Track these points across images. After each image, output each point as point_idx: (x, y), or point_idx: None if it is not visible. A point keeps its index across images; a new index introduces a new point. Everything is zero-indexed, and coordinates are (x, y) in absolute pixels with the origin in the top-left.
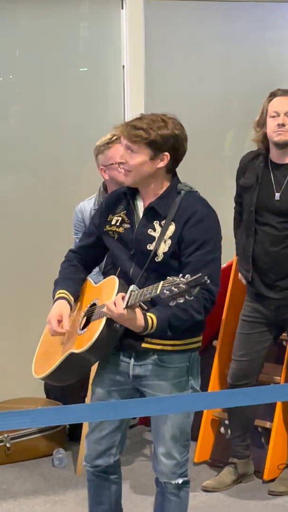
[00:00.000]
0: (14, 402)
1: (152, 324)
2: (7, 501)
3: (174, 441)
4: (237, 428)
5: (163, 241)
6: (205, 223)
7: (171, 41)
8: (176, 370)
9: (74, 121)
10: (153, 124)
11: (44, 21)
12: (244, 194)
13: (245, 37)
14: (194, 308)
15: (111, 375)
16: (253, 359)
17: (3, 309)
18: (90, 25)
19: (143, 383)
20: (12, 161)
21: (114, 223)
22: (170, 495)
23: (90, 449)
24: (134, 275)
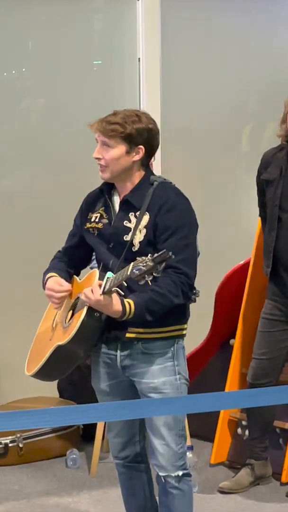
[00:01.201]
0: (26, 401)
1: (130, 309)
2: (20, 502)
3: (168, 429)
4: (256, 429)
5: (138, 231)
6: (177, 210)
7: (188, 33)
8: (161, 356)
9: (88, 115)
10: (128, 118)
11: (57, 13)
12: (267, 188)
13: (263, 29)
14: (172, 292)
15: (104, 370)
16: (274, 358)
17: (16, 308)
18: (104, 17)
19: (132, 372)
20: (25, 154)
21: (94, 219)
22: (172, 489)
23: (113, 443)
24: (113, 266)
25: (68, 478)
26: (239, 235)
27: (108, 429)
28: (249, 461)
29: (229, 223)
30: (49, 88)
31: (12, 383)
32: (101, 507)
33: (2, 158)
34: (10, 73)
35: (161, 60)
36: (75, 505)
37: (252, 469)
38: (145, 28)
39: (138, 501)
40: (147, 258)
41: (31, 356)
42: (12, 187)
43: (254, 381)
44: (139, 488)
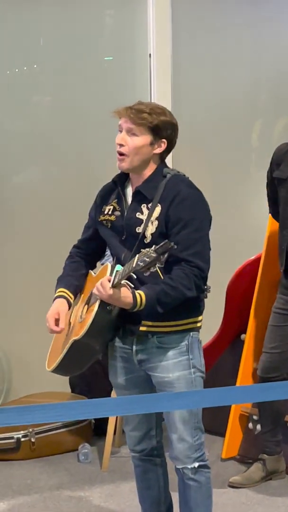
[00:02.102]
0: (38, 396)
1: (141, 301)
2: (32, 496)
3: (183, 423)
4: (267, 423)
5: (150, 222)
6: (189, 202)
7: (198, 28)
8: (176, 350)
9: (99, 111)
10: (155, 110)
11: (68, 9)
12: (280, 186)
13: (273, 24)
14: (184, 285)
15: (121, 364)
16: (284, 352)
17: (28, 305)
18: (115, 12)
19: (147, 366)
20: (37, 150)
21: (107, 212)
22: (189, 480)
23: (130, 437)
24: (126, 259)
25: (80, 472)
26: (249, 230)
27: (125, 423)
28: (261, 456)
29: (239, 218)
30: (60, 84)
31: (24, 378)
32: (113, 501)
33: (13, 154)
34: (21, 69)
35: (172, 56)
36: (87, 499)
37: (263, 464)
38: (155, 24)
39: (153, 494)
40: (151, 250)
41: (51, 352)
42: (23, 182)
43: (264, 374)
44: (154, 481)
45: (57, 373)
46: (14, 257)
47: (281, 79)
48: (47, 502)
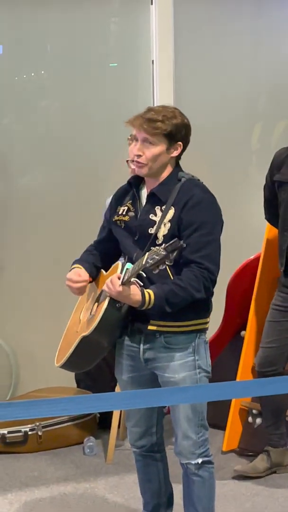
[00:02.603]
0: (45, 391)
1: (149, 299)
2: (39, 488)
3: (187, 421)
4: (269, 416)
5: (163, 224)
6: (202, 206)
7: (200, 35)
8: (182, 351)
9: (104, 115)
10: (167, 115)
11: (74, 17)
12: (281, 189)
13: (273, 32)
14: (193, 286)
15: (127, 362)
16: (280, 346)
17: (36, 303)
18: (120, 20)
19: (153, 365)
20: (43, 154)
21: (121, 212)
22: (192, 475)
23: (131, 433)
24: (138, 258)
25: (85, 464)
26: (249, 230)
27: (127, 419)
28: (266, 448)
29: (239, 219)
30: (67, 89)
31: (31, 373)
32: (117, 492)
33: (20, 157)
34: (29, 75)
35: (174, 62)
36: (92, 491)
37: (268, 455)
38: (158, 31)
39: (153, 487)
40: (160, 248)
41: (60, 348)
42: (29, 185)
43: (260, 369)
44: (154, 475)
45: (65, 369)
46: (22, 257)
47: (280, 83)
48: (53, 494)
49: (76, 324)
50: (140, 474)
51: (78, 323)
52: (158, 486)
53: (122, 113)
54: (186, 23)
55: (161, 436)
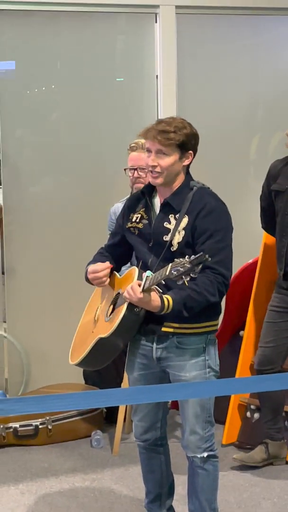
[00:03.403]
0: (55, 387)
1: (168, 305)
2: (49, 478)
3: (195, 417)
4: (268, 412)
5: (178, 232)
6: (215, 214)
7: (201, 52)
8: (194, 351)
9: (111, 127)
10: (178, 126)
11: (83, 35)
12: (277, 198)
13: (270, 49)
14: (208, 291)
15: (139, 360)
16: (278, 346)
17: (46, 304)
18: (126, 38)
19: (166, 364)
20: (53, 163)
21: (135, 220)
22: (197, 468)
23: (137, 427)
24: (152, 264)
25: (92, 457)
26: (247, 236)
27: (133, 413)
28: (265, 440)
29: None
30: (76, 102)
31: (41, 370)
32: (123, 483)
33: (31, 166)
34: (40, 89)
35: (177, 77)
36: (99, 482)
37: (266, 447)
38: (162, 48)
39: (156, 477)
40: (185, 260)
41: (74, 346)
42: (39, 192)
43: (259, 367)
44: (157, 466)
45: (80, 367)
46: (32, 260)
47: (277, 98)
48: (62, 484)
49: (90, 324)
50: (144, 466)
51: (92, 323)
52: (160, 477)
53: (128, 125)
54: (188, 40)
55: (164, 431)
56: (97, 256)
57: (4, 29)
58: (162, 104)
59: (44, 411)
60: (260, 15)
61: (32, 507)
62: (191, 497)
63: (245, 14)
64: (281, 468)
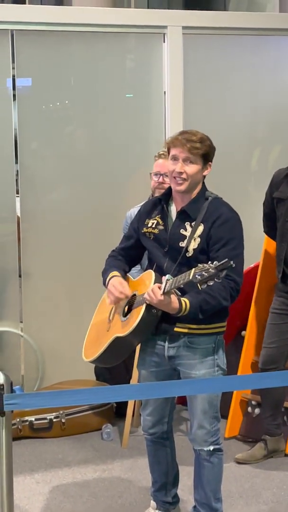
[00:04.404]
0: (68, 383)
1: (185, 307)
2: (63, 469)
3: (203, 413)
4: (268, 408)
5: (193, 239)
6: (230, 223)
7: (206, 70)
8: (203, 350)
9: (122, 140)
10: (202, 138)
11: (95, 54)
12: (279, 205)
13: (270, 67)
14: (222, 296)
15: (150, 358)
16: (281, 346)
17: (59, 305)
18: (135, 56)
19: (177, 362)
20: (66, 173)
21: (150, 225)
22: (203, 461)
23: (145, 421)
24: (168, 268)
25: (103, 449)
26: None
27: (143, 408)
28: (264, 437)
29: None
30: (88, 117)
31: (55, 368)
32: (131, 473)
33: (46, 176)
34: (55, 104)
35: (184, 93)
36: (109, 472)
37: (265, 444)
38: (170, 66)
39: (161, 468)
40: (209, 266)
41: (88, 344)
42: (54, 200)
43: (264, 366)
44: (162, 458)
45: (95, 364)
46: (47, 264)
47: (276, 113)
48: (75, 474)
49: (104, 323)
50: (150, 457)
51: (107, 322)
52: (166, 468)
53: (137, 138)
54: (194, 59)
55: (170, 425)
56: (111, 260)
57: (22, 49)
58: (170, 119)
59: (58, 406)
60: (261, 35)
61: (46, 496)
62: (197, 488)
63: (247, 34)
64: (280, 460)
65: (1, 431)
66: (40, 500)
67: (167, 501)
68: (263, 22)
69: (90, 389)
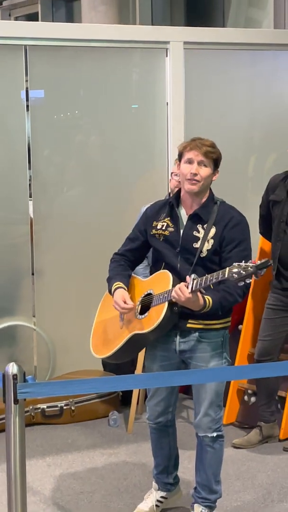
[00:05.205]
0: (77, 373)
1: (209, 304)
2: (72, 453)
3: (210, 402)
4: (263, 397)
5: (207, 241)
6: (241, 226)
7: (206, 82)
8: (213, 344)
9: (128, 146)
10: (213, 145)
11: (103, 67)
12: (275, 207)
13: (266, 79)
14: (237, 293)
15: (161, 352)
16: (275, 339)
17: (70, 301)
18: (140, 70)
19: (188, 355)
20: (76, 178)
21: (160, 227)
22: (207, 446)
23: (151, 410)
24: (182, 267)
25: (109, 434)
26: None
27: (149, 399)
28: (259, 423)
29: None
30: (96, 126)
31: (65, 359)
32: (136, 457)
33: (58, 181)
34: (66, 114)
35: (185, 104)
36: (115, 456)
37: (260, 430)
38: (172, 78)
39: (164, 452)
40: (249, 264)
41: (97, 341)
42: (65, 203)
43: (259, 357)
44: (165, 444)
45: (109, 360)
46: (58, 263)
47: (272, 122)
48: (84, 458)
49: (114, 321)
50: (154, 443)
51: (118, 320)
52: (168, 452)
53: (142, 145)
54: (195, 72)
55: (174, 414)
56: (115, 266)
57: (35, 63)
58: (172, 127)
59: (68, 394)
60: (257, 50)
61: (57, 478)
62: (198, 471)
63: (244, 49)
64: (274, 445)
65: (15, 418)
66: (51, 482)
67: (169, 482)
68: (259, 37)
69: (98, 378)
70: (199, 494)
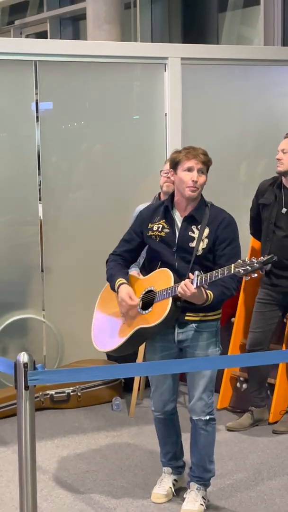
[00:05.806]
0: (83, 362)
1: (210, 298)
2: (79, 435)
3: (204, 387)
4: (254, 383)
5: (201, 240)
6: (232, 226)
7: (201, 95)
8: (208, 334)
9: (129, 154)
10: (206, 153)
11: (107, 81)
12: (264, 210)
13: (256, 92)
14: (233, 286)
15: (161, 343)
16: (265, 331)
17: (76, 294)
18: (141, 83)
19: (185, 344)
20: (82, 183)
21: (156, 229)
22: (200, 429)
23: (157, 402)
24: (179, 265)
25: (113, 418)
26: None
27: (154, 391)
28: (250, 408)
29: None
30: (101, 135)
31: (72, 349)
32: (137, 439)
33: (65, 186)
34: (73, 124)
35: (182, 115)
36: (118, 438)
37: (252, 414)
38: (170, 91)
39: (172, 439)
40: (253, 261)
41: (100, 335)
42: (71, 206)
43: (251, 347)
44: (172, 431)
45: (113, 354)
46: (65, 261)
47: (262, 131)
48: (89, 439)
49: (117, 315)
50: (162, 433)
51: (120, 315)
52: (176, 438)
53: (142, 153)
54: (191, 85)
55: (176, 400)
56: (114, 265)
57: (44, 77)
58: (170, 137)
59: (74, 381)
60: (249, 65)
61: (64, 458)
62: (193, 452)
63: (237, 64)
64: (264, 428)
65: (25, 403)
66: (59, 462)
67: (180, 466)
68: (251, 54)
69: (102, 367)
70: (194, 473)
